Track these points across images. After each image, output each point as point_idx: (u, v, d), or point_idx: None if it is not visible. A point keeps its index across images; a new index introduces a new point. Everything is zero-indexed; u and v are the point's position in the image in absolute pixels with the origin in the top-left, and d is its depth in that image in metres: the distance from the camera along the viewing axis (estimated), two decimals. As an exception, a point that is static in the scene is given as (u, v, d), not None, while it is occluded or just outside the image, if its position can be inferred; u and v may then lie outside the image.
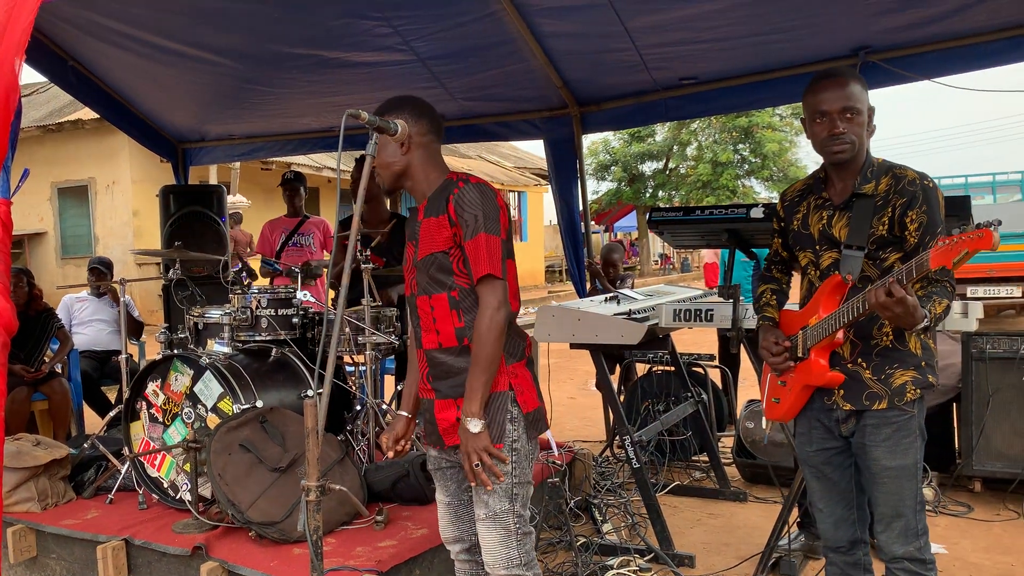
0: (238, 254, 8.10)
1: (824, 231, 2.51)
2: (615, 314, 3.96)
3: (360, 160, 4.82)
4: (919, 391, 2.41)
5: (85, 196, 16.01)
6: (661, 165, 29.71)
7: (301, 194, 6.22)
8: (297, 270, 4.64)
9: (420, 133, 2.37)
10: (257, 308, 4.10)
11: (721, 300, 3.60)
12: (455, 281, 2.33)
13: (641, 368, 5.71)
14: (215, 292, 4.79)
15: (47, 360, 5.55)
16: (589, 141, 30.21)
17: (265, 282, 5.84)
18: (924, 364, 2.42)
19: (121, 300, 4.52)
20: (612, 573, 3.64)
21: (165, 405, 3.82)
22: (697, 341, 7.73)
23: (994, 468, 4.53)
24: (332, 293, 4.68)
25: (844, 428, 2.49)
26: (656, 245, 34.36)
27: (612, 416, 5.14)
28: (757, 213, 3.45)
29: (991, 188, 13.01)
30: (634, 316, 3.99)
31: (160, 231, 6.60)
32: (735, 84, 4.90)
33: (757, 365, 3.73)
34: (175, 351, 3.93)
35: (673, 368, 5.20)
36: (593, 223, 29.19)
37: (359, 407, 4.27)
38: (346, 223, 4.77)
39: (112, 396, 5.91)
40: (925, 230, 2.32)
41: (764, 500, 4.70)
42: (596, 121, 5.56)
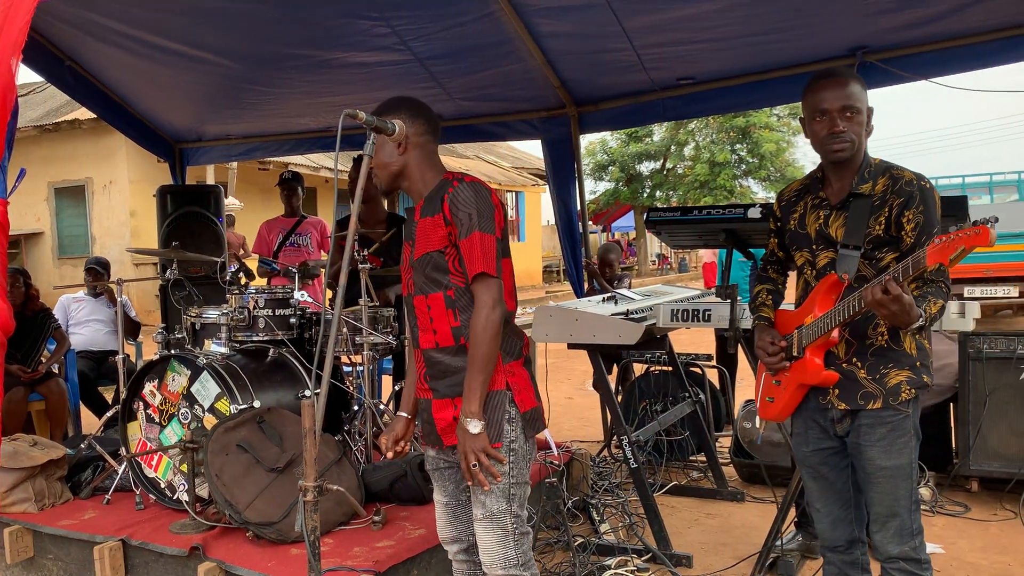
0: (234, 255, 8.08)
1: (821, 231, 2.51)
2: (613, 314, 3.96)
3: (358, 160, 4.82)
4: (914, 391, 2.41)
5: (82, 196, 16.00)
6: (659, 165, 29.74)
7: (299, 194, 6.22)
8: (295, 270, 4.64)
9: (417, 133, 2.37)
10: (254, 308, 4.10)
11: (718, 300, 3.60)
12: (451, 280, 2.33)
13: (639, 368, 5.71)
14: (212, 292, 4.79)
15: (44, 360, 5.55)
16: (587, 141, 30.25)
17: (263, 282, 5.84)
18: (919, 364, 2.42)
19: (118, 300, 4.52)
20: (610, 573, 3.64)
21: (162, 405, 3.81)
22: (695, 341, 7.73)
23: (991, 468, 4.53)
24: (330, 293, 4.68)
25: (839, 428, 2.50)
26: (654, 245, 34.36)
27: (610, 416, 5.15)
28: (754, 213, 3.46)
29: (988, 188, 13.02)
30: (632, 316, 3.99)
31: (157, 231, 6.59)
32: (733, 84, 4.91)
33: (754, 365, 3.73)
34: (172, 351, 3.93)
35: (671, 368, 5.20)
36: (591, 223, 29.18)
37: (357, 407, 4.28)
38: (344, 223, 4.77)
39: (109, 396, 5.90)
40: (922, 230, 2.32)
41: (762, 500, 4.70)
42: (594, 121, 5.57)
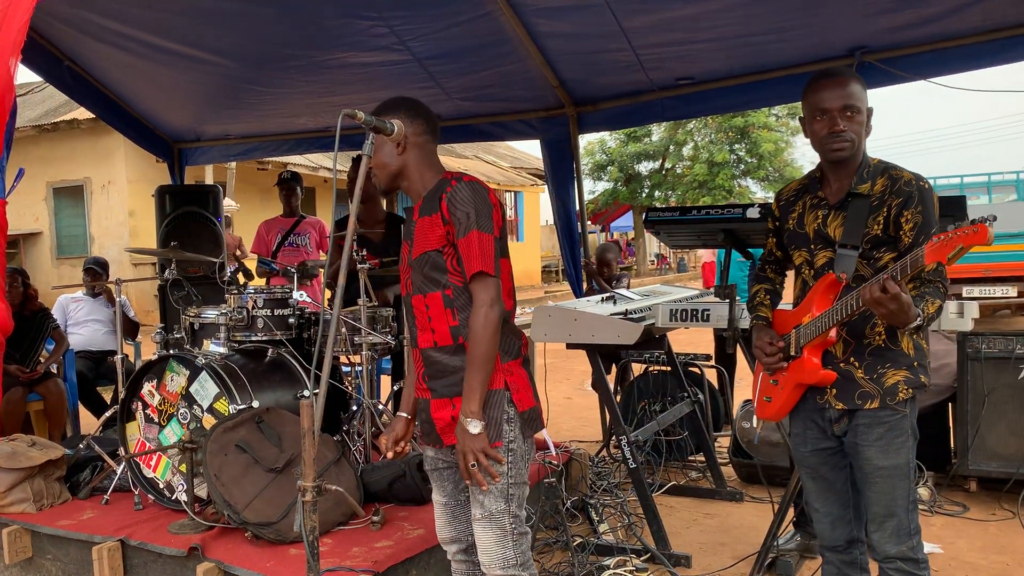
0: (232, 256, 8.07)
1: (819, 230, 2.51)
2: (611, 314, 3.96)
3: (357, 160, 4.82)
4: (911, 391, 2.41)
5: (81, 196, 15.99)
6: (657, 165, 29.75)
7: (297, 194, 6.22)
8: (293, 270, 4.64)
9: (416, 133, 2.38)
10: (253, 308, 4.10)
11: (717, 300, 3.60)
12: (449, 280, 2.32)
13: (637, 368, 5.71)
14: (211, 292, 4.78)
15: (42, 360, 5.54)
16: (585, 141, 30.28)
17: (261, 282, 5.84)
18: (916, 364, 2.43)
19: (117, 300, 4.52)
20: (608, 573, 3.64)
21: (161, 405, 3.81)
22: (693, 341, 7.74)
23: (989, 468, 4.54)
24: (328, 293, 4.68)
25: (837, 428, 2.50)
26: (652, 245, 34.37)
27: (608, 416, 5.15)
28: (753, 213, 3.46)
29: (987, 188, 13.04)
30: (630, 316, 3.99)
31: (156, 231, 6.59)
32: (731, 84, 4.92)
33: (753, 365, 3.73)
34: (171, 351, 3.93)
35: (669, 368, 5.20)
36: (589, 223, 29.20)
37: (355, 407, 4.27)
38: (342, 223, 4.77)
39: (108, 396, 5.90)
40: (920, 230, 2.32)
41: (760, 500, 4.70)
42: (592, 121, 5.57)
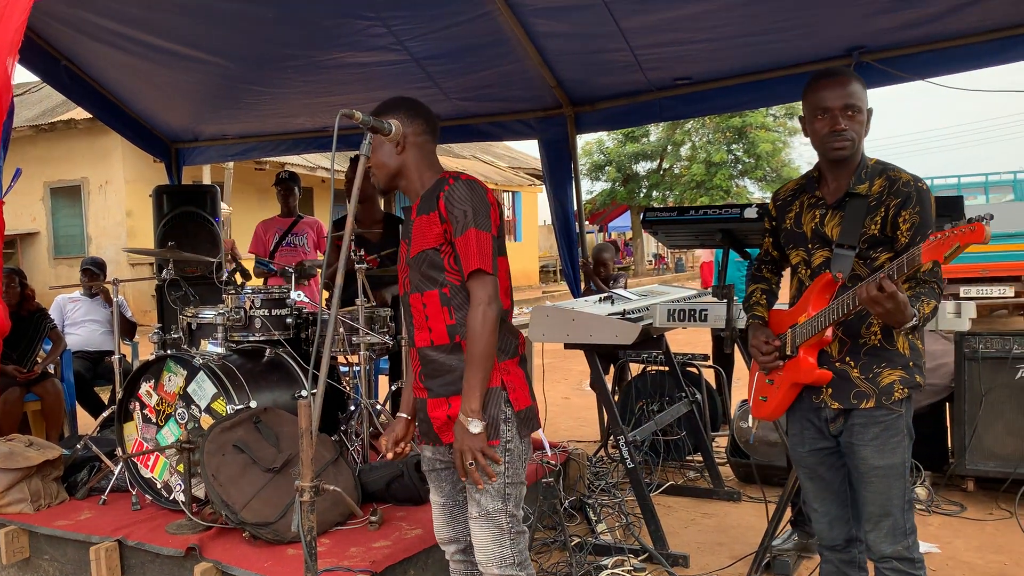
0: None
1: (817, 230, 2.51)
2: (609, 314, 3.96)
3: (354, 160, 4.81)
4: (907, 390, 2.41)
5: (78, 196, 15.97)
6: (655, 165, 29.75)
7: (295, 194, 6.21)
8: (291, 270, 4.64)
9: (415, 133, 2.38)
10: (251, 308, 4.10)
11: (715, 300, 3.60)
12: (446, 278, 2.32)
13: (635, 368, 5.72)
14: (208, 292, 4.78)
15: (40, 361, 5.53)
16: (583, 141, 30.23)
17: (259, 282, 5.83)
18: (912, 364, 2.43)
19: (114, 300, 4.51)
20: (606, 573, 3.64)
21: (158, 406, 3.81)
22: (691, 341, 7.74)
23: (987, 467, 4.54)
24: (326, 293, 4.67)
25: (833, 427, 2.50)
26: (650, 245, 34.37)
27: (606, 416, 5.15)
28: (751, 213, 3.46)
29: (984, 188, 13.06)
30: (628, 316, 4.00)
31: (153, 231, 6.59)
32: (729, 84, 4.92)
33: (750, 365, 3.74)
34: (168, 351, 3.92)
35: (667, 368, 5.21)
36: (587, 223, 29.21)
37: (353, 407, 4.27)
38: (340, 223, 4.77)
39: (105, 397, 5.89)
40: (916, 230, 2.33)
41: (758, 500, 4.70)
42: (590, 121, 5.57)
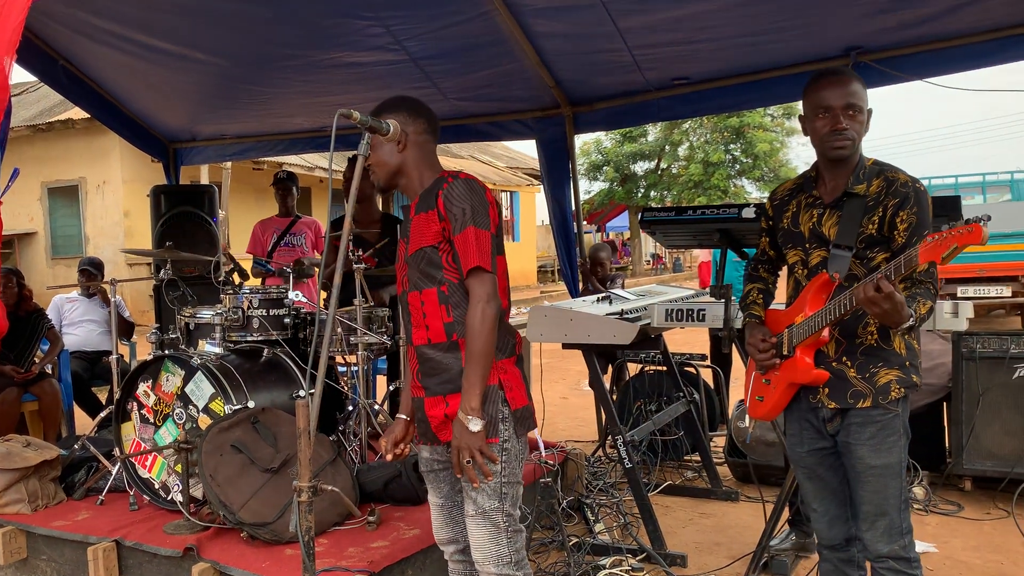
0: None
1: (814, 229, 2.52)
2: (607, 314, 3.96)
3: (352, 160, 4.81)
4: (903, 390, 2.42)
5: (75, 196, 15.94)
6: (653, 165, 29.76)
7: (293, 194, 6.21)
8: (289, 270, 4.64)
9: (417, 132, 2.38)
10: (248, 308, 4.10)
11: (713, 300, 3.61)
12: (444, 276, 2.32)
13: (633, 368, 5.71)
14: (206, 292, 4.77)
15: (37, 361, 5.53)
16: (581, 141, 30.23)
17: (257, 282, 5.83)
18: (908, 364, 2.44)
19: (112, 300, 4.50)
20: (604, 573, 3.64)
21: (156, 406, 3.80)
22: (689, 341, 7.73)
23: (984, 467, 4.55)
24: (324, 294, 4.67)
25: (829, 427, 2.51)
26: (648, 245, 34.39)
27: (604, 416, 5.15)
28: (748, 213, 3.46)
29: (981, 188, 13.07)
30: (626, 316, 4.00)
31: (151, 231, 6.59)
32: (727, 84, 4.92)
33: (747, 364, 3.74)
34: (166, 351, 3.92)
35: (665, 368, 5.21)
36: (585, 223, 29.21)
37: (351, 407, 4.27)
38: (338, 223, 4.77)
39: (103, 397, 5.89)
40: (913, 231, 2.33)
41: (756, 500, 4.69)
42: (588, 121, 5.57)
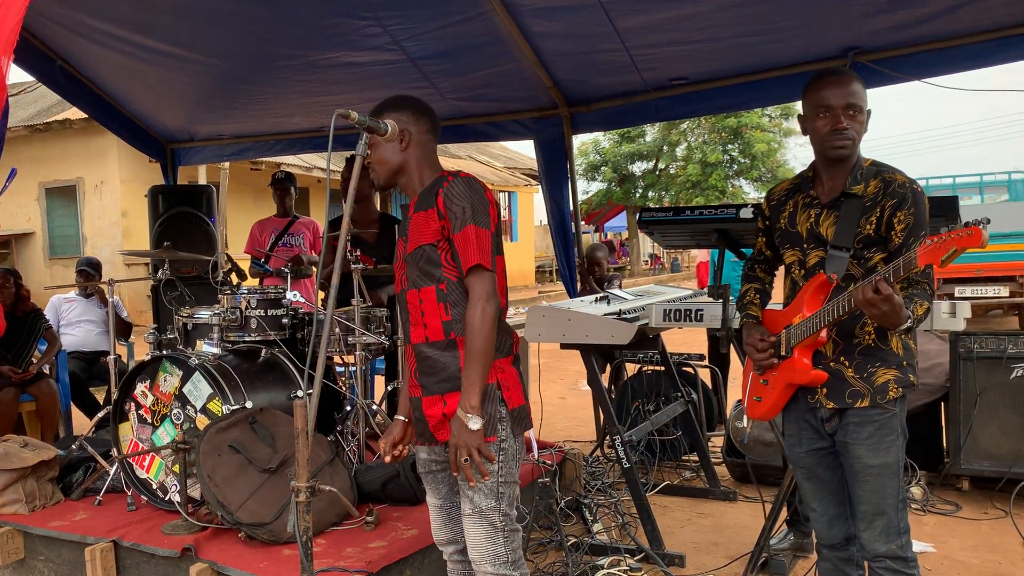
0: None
1: (812, 229, 2.52)
2: (605, 314, 3.96)
3: (350, 160, 4.81)
4: (901, 390, 2.42)
5: (73, 196, 15.92)
6: (651, 165, 29.77)
7: (291, 194, 6.20)
8: (287, 270, 4.63)
9: (420, 132, 2.38)
10: (246, 308, 4.09)
11: (711, 300, 3.61)
12: (443, 274, 2.32)
13: (631, 368, 5.71)
14: (204, 292, 4.77)
15: (35, 361, 5.52)
16: (579, 141, 30.25)
17: (255, 282, 5.82)
18: (905, 363, 2.44)
19: (109, 301, 4.50)
20: (603, 573, 3.64)
21: (154, 406, 3.80)
22: (687, 341, 7.73)
23: (982, 467, 4.55)
24: (322, 294, 4.66)
25: (828, 427, 2.51)
26: (646, 245, 34.40)
27: (602, 416, 5.15)
28: (746, 213, 3.46)
29: (979, 188, 13.09)
30: (624, 316, 4.00)
31: (149, 231, 6.58)
32: (725, 85, 4.93)
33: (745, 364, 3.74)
34: (164, 352, 3.91)
35: (663, 368, 5.21)
36: (583, 223, 29.20)
37: (349, 408, 4.27)
38: (336, 223, 4.76)
39: (100, 397, 5.88)
40: (910, 231, 2.34)
41: (754, 499, 4.70)
42: (586, 121, 5.58)
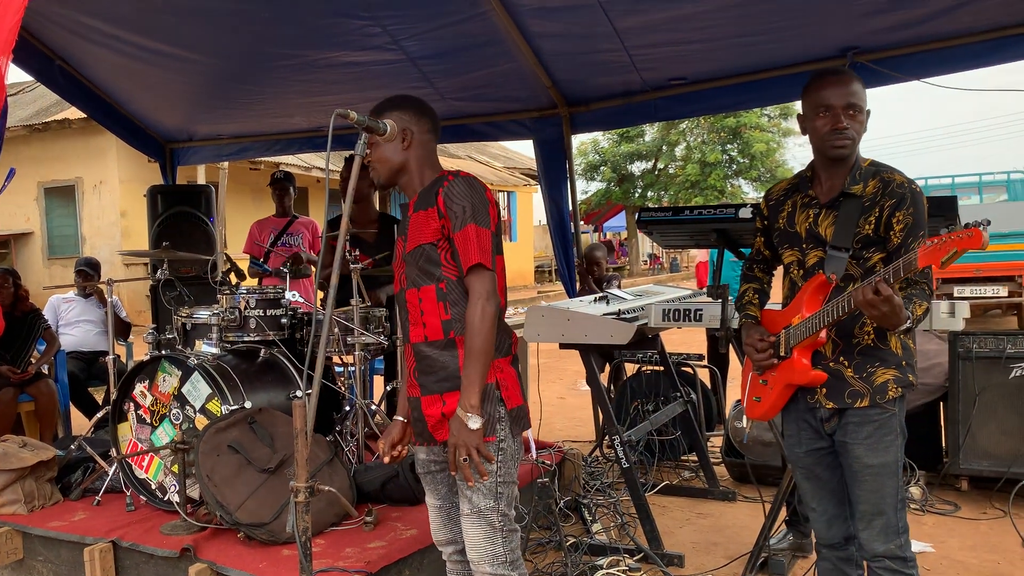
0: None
1: (811, 230, 2.52)
2: (604, 314, 3.96)
3: (349, 160, 4.81)
4: (900, 389, 2.43)
5: (72, 196, 15.91)
6: (650, 165, 29.78)
7: (290, 194, 6.20)
8: (286, 269, 4.63)
9: (423, 131, 2.38)
10: (245, 308, 4.09)
11: (710, 300, 3.61)
12: (443, 273, 2.32)
13: (630, 368, 5.71)
14: (203, 292, 4.77)
15: (34, 361, 5.52)
16: (578, 141, 30.26)
17: (254, 282, 5.82)
18: (905, 363, 2.44)
19: (108, 301, 4.49)
20: (602, 573, 3.64)
21: (153, 406, 3.80)
22: (686, 341, 7.73)
23: (980, 467, 4.56)
24: (321, 294, 4.66)
25: (827, 427, 2.51)
26: (645, 245, 34.41)
27: (601, 416, 5.15)
28: (745, 213, 3.47)
29: (977, 188, 13.10)
30: (623, 316, 4.00)
31: (148, 231, 6.58)
32: (724, 84, 4.93)
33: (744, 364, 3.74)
34: (163, 352, 3.91)
35: (662, 368, 5.21)
36: (583, 223, 29.20)
37: (348, 408, 4.27)
38: (335, 223, 4.76)
39: (99, 397, 5.88)
40: (909, 231, 2.34)
41: (753, 500, 4.70)
42: (585, 121, 5.57)
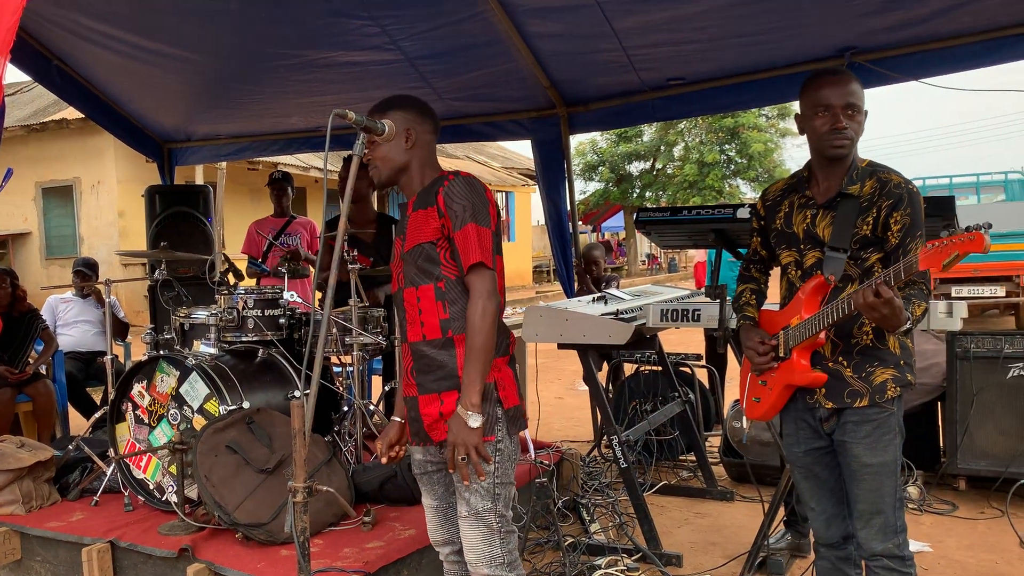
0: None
1: (808, 230, 2.52)
2: (603, 314, 3.96)
3: (348, 160, 4.81)
4: (899, 389, 2.43)
5: (70, 196, 15.90)
6: (648, 165, 29.81)
7: (289, 194, 6.19)
8: (283, 269, 4.63)
9: (425, 131, 2.38)
10: (243, 308, 4.09)
11: (708, 300, 3.61)
12: (442, 272, 2.32)
13: (629, 368, 5.72)
14: (201, 293, 4.77)
15: (31, 361, 5.51)
16: (576, 141, 30.28)
17: (252, 282, 5.82)
18: (903, 363, 2.45)
19: (106, 301, 4.49)
20: (600, 573, 3.64)
21: (151, 406, 3.80)
22: (684, 341, 7.74)
23: (978, 467, 4.56)
24: (319, 294, 4.66)
25: (826, 426, 2.52)
26: (643, 245, 34.44)
27: (599, 416, 5.15)
28: (743, 213, 3.46)
29: (975, 188, 13.11)
30: (622, 316, 4.00)
31: (146, 231, 6.57)
32: (722, 85, 4.93)
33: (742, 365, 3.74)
34: (161, 352, 3.91)
35: (660, 368, 5.21)
36: (581, 223, 29.22)
37: (346, 408, 4.27)
38: (333, 223, 4.76)
39: (97, 397, 5.87)
40: (907, 232, 2.35)
41: (751, 499, 4.71)
42: (584, 121, 5.57)
